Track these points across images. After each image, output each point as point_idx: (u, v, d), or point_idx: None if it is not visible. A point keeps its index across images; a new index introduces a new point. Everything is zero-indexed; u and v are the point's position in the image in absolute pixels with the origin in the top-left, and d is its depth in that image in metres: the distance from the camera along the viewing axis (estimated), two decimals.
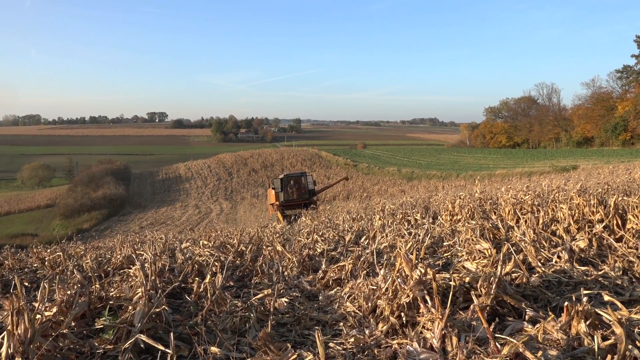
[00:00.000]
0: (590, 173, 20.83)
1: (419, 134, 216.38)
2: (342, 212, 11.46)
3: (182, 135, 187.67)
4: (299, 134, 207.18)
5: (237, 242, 5.37)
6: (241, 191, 58.85)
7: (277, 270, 4.35)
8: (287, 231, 7.67)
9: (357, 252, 4.36)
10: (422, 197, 14.56)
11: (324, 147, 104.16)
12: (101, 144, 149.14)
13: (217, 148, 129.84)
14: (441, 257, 4.19)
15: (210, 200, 54.48)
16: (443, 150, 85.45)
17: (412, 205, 9.85)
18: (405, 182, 48.22)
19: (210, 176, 66.39)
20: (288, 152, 76.30)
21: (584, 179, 12.75)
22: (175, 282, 3.83)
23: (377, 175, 55.52)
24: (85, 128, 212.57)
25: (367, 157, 73.14)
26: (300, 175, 22.94)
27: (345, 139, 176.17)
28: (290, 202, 21.70)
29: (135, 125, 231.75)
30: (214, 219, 41.46)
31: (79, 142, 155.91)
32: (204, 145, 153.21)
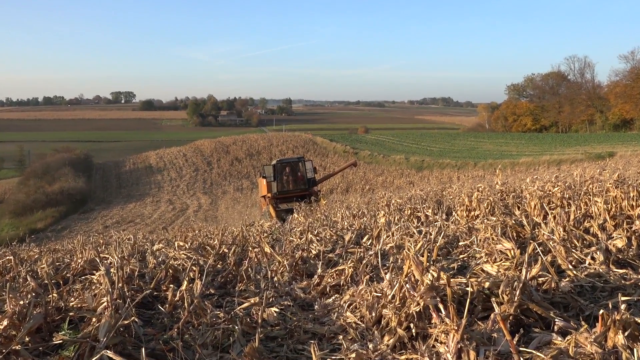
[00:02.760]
0: (630, 161, 20.95)
1: (429, 116, 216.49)
2: (341, 208, 11.47)
3: (152, 118, 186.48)
4: (290, 116, 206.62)
5: (219, 243, 5.37)
6: (222, 184, 58.75)
7: (265, 276, 4.35)
8: (276, 230, 7.67)
9: (359, 253, 4.37)
10: (433, 189, 14.59)
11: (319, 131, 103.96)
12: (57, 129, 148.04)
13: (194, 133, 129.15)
14: (456, 259, 4.20)
15: (186, 195, 54.36)
16: (458, 135, 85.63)
17: (422, 199, 9.87)
18: (414, 173, 48.32)
19: (186, 166, 66.20)
20: (277, 138, 76.14)
21: (622, 168, 12.82)
22: (146, 290, 3.82)
23: (381, 164, 55.60)
24: (38, 110, 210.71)
25: (370, 144, 73.14)
26: (297, 160, 22.12)
27: (344, 122, 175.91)
28: (285, 194, 20.97)
29: (98, 107, 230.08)
30: (190, 216, 41.37)
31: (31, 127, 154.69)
32: (178, 130, 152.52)
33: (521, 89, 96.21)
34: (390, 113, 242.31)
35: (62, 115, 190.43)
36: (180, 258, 4.83)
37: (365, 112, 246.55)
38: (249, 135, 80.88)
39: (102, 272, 3.72)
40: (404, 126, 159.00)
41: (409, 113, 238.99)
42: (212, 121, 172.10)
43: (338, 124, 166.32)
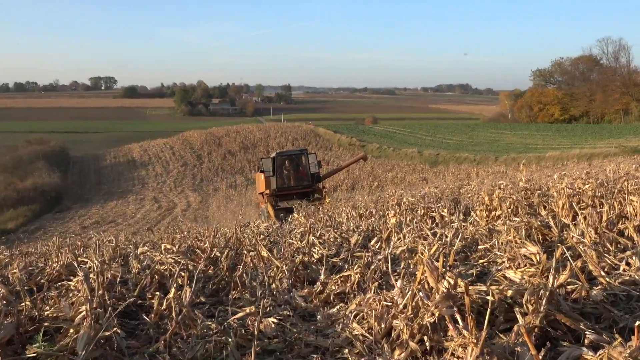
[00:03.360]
0: None
1: (445, 104, 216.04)
2: (346, 207, 11.47)
3: (136, 106, 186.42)
4: (289, 105, 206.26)
5: (210, 246, 5.38)
6: (214, 180, 58.85)
7: (262, 282, 4.36)
8: (274, 231, 7.68)
9: (366, 258, 4.37)
10: (450, 187, 14.58)
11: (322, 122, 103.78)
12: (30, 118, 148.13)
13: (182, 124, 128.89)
14: (475, 264, 4.20)
15: (173, 192, 54.49)
16: (477, 126, 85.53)
17: (437, 197, 9.86)
18: (428, 168, 48.30)
19: (174, 160, 66.31)
20: (275, 129, 76.22)
21: None
22: (129, 298, 3.84)
23: (391, 158, 55.59)
24: (8, 98, 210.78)
25: (379, 135, 73.12)
26: (300, 153, 22.03)
27: (350, 111, 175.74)
28: (286, 191, 20.81)
29: (75, 94, 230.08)
30: (178, 215, 41.48)
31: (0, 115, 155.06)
32: (164, 120, 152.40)
33: (548, 75, 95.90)
34: (402, 101, 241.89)
35: (35, 103, 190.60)
36: (167, 262, 4.84)
37: (373, 101, 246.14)
38: (243, 126, 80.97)
39: (80, 278, 3.73)
40: (416, 116, 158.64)
41: (423, 101, 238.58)
42: (203, 110, 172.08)
43: (343, 114, 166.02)
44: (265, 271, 4.61)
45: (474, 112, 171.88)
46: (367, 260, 4.30)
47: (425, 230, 5.36)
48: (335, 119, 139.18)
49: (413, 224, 5.93)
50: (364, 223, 6.92)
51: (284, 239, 6.09)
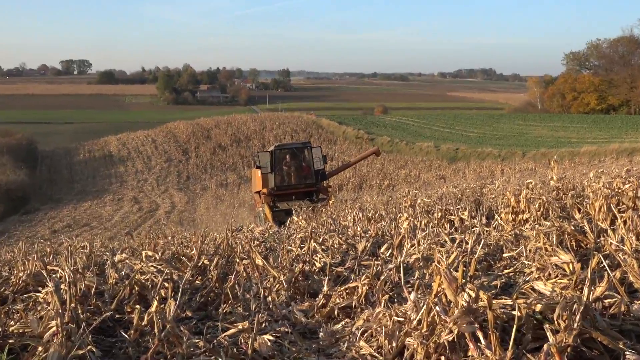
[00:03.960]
0: None
1: (466, 92, 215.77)
2: (353, 209, 11.47)
3: (113, 94, 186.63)
4: (288, 92, 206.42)
5: (197, 253, 5.38)
6: (202, 177, 58.91)
7: (256, 295, 4.36)
8: (271, 236, 7.69)
9: (375, 267, 4.37)
10: (471, 186, 14.56)
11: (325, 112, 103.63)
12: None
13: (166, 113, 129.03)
14: (500, 274, 4.20)
15: (156, 191, 54.56)
16: (502, 117, 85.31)
17: (456, 198, 9.85)
18: (446, 165, 48.25)
19: (156, 155, 66.38)
20: (272, 120, 76.20)
21: None
22: (105, 312, 3.84)
23: (404, 153, 55.56)
24: None
25: (390, 127, 73.03)
26: (302, 146, 21.94)
27: (357, 99, 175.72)
28: (286, 190, 20.77)
29: (44, 80, 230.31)
30: (161, 218, 41.52)
31: None
32: (146, 109, 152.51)
33: (583, 59, 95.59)
34: (416, 88, 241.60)
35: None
36: (148, 272, 4.84)
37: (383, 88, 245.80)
38: (235, 116, 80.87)
39: (50, 289, 3.74)
40: (432, 105, 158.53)
41: (440, 88, 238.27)
42: (189, 98, 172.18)
43: (349, 102, 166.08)
44: (260, 282, 4.62)
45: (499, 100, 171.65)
46: (377, 270, 4.30)
47: (443, 236, 5.35)
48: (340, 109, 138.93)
49: (429, 229, 5.92)
50: (372, 227, 6.92)
51: (282, 246, 6.09)
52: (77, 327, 3.23)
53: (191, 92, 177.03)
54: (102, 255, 6.92)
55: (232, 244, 6.34)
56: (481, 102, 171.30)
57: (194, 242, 7.77)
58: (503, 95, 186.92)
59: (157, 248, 7.26)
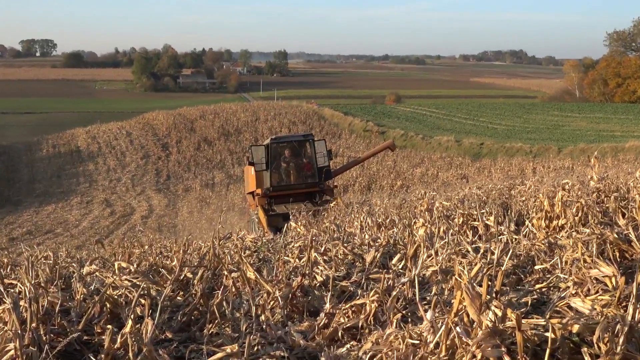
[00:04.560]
0: None
1: (492, 77, 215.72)
2: (360, 214, 11.46)
3: (81, 79, 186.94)
4: (285, 77, 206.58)
5: (179, 265, 5.38)
6: (185, 177, 58.86)
7: (247, 313, 4.36)
8: (264, 246, 7.69)
9: (386, 281, 4.37)
10: (497, 187, 14.54)
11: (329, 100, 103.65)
12: None
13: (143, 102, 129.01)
14: (531, 290, 4.20)
15: (131, 193, 54.55)
16: (534, 107, 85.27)
17: (480, 201, 9.84)
18: (468, 162, 48.20)
19: (132, 151, 66.35)
20: (266, 110, 76.14)
21: None
22: (72, 333, 3.84)
23: (419, 149, 55.53)
24: None
25: (403, 119, 73.03)
26: (303, 139, 21.71)
27: (365, 86, 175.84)
28: (284, 190, 20.66)
29: (1, 63, 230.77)
30: (137, 224, 41.54)
31: None
32: (119, 97, 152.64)
33: (629, 39, 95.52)
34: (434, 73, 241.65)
35: None
36: (122, 286, 4.85)
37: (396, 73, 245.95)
38: (224, 106, 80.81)
39: (8, 306, 3.74)
40: (453, 93, 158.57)
41: (462, 74, 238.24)
42: (170, 84, 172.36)
43: (356, 90, 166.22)
44: (252, 298, 4.61)
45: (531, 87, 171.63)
46: (387, 285, 4.30)
47: (465, 245, 5.35)
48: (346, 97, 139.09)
49: (448, 237, 5.92)
50: (383, 235, 6.91)
51: (278, 256, 6.09)
52: (38, 350, 3.23)
53: (172, 77, 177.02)
54: (68, 267, 6.91)
55: (219, 254, 6.34)
56: (510, 90, 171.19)
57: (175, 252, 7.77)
58: (535, 82, 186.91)
59: (132, 259, 7.26)
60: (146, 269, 5.75)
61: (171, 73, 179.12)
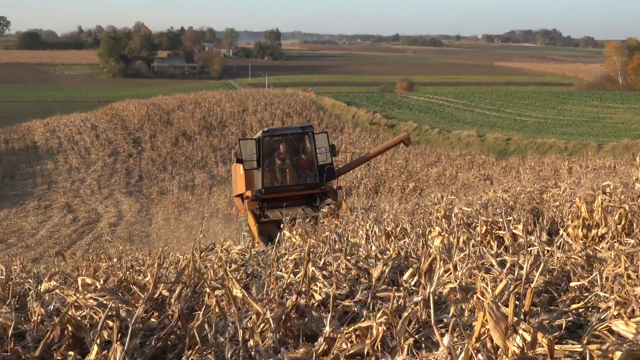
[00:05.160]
0: None
1: (521, 61, 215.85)
2: (366, 221, 11.47)
3: (39, 63, 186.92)
4: (278, 61, 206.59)
5: (153, 281, 5.38)
6: (159, 177, 58.83)
7: (233, 338, 4.36)
8: (253, 259, 7.69)
9: (396, 300, 4.37)
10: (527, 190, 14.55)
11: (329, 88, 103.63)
12: None
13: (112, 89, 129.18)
14: (566, 310, 4.20)
15: (96, 196, 54.52)
16: (570, 96, 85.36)
17: (507, 206, 9.85)
18: (493, 161, 48.22)
19: (97, 147, 66.33)
20: (255, 99, 76.10)
21: None
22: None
23: (435, 145, 55.54)
24: None
25: (416, 110, 73.03)
26: (302, 132, 21.24)
27: (371, 72, 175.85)
28: (279, 192, 20.53)
29: None
30: (104, 233, 41.53)
31: None
32: (83, 84, 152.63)
33: None
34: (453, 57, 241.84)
35: None
36: (86, 306, 4.84)
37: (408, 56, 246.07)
38: (206, 94, 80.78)
39: None
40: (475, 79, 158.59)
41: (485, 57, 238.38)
42: (143, 69, 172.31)
43: (361, 76, 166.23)
44: (239, 320, 4.62)
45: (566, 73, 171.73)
46: (398, 304, 4.30)
47: (489, 258, 5.35)
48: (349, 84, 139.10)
49: (469, 248, 5.92)
50: (392, 246, 6.92)
51: (269, 271, 6.10)
52: None
53: (145, 60, 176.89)
54: (22, 283, 6.92)
55: (200, 268, 6.34)
56: (541, 76, 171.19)
57: (148, 266, 7.78)
58: (571, 66, 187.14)
59: (98, 274, 7.27)
60: (115, 285, 5.75)
61: (144, 56, 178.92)
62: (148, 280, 5.73)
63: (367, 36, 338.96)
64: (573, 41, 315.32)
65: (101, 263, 9.45)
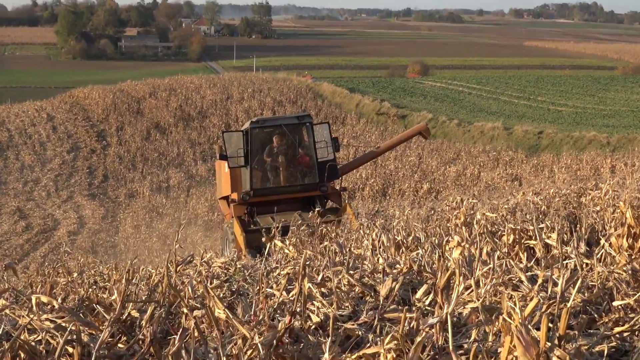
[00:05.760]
0: None
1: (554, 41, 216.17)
2: (372, 229, 11.48)
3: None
4: (268, 40, 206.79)
5: (121, 300, 5.39)
6: (128, 177, 58.78)
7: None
8: (239, 273, 7.71)
9: (408, 323, 4.38)
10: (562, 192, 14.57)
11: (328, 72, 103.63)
12: None
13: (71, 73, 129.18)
14: (608, 334, 4.21)
15: (53, 200, 54.52)
16: (614, 81, 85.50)
17: (538, 212, 9.86)
18: (522, 158, 48.24)
19: (55, 141, 66.27)
20: (242, 85, 76.08)
21: None
22: None
23: (453, 139, 55.56)
24: None
25: (432, 97, 73.09)
26: (298, 122, 20.86)
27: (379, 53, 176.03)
28: (271, 195, 20.49)
29: None
30: (63, 242, 41.45)
31: None
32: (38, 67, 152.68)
33: None
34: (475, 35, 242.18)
35: None
36: (42, 329, 4.85)
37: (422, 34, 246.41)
38: (183, 79, 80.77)
39: None
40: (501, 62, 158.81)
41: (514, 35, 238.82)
42: (109, 49, 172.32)
43: (366, 58, 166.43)
44: (222, 346, 4.63)
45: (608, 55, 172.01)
46: (410, 327, 4.31)
47: (517, 272, 5.36)
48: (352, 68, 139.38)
49: (494, 261, 5.93)
50: (403, 259, 6.93)
51: (258, 287, 6.11)
52: None
53: (111, 39, 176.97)
54: None
55: (176, 284, 6.35)
56: (579, 58, 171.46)
57: (114, 282, 7.79)
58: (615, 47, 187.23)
59: (55, 291, 7.26)
60: (75, 305, 5.75)
61: (109, 34, 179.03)
62: (114, 298, 5.74)
63: (374, 10, 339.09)
64: (617, 17, 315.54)
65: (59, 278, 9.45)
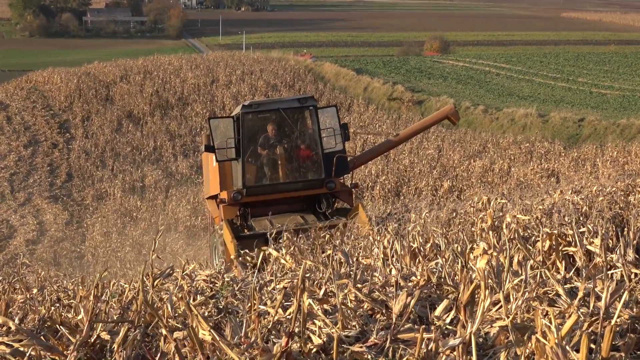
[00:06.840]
0: None
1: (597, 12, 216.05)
2: (384, 235, 11.50)
3: None
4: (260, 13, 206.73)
5: (88, 320, 5.41)
6: (95, 176, 58.73)
7: None
8: (227, 287, 7.73)
9: (425, 344, 4.40)
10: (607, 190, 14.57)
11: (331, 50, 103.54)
12: None
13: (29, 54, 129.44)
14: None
15: (8, 202, 54.53)
16: None
17: (579, 213, 9.87)
18: (560, 150, 48.18)
19: (9, 134, 66.34)
20: (229, 66, 76.10)
21: None
22: None
23: (479, 128, 55.51)
24: None
25: (453, 79, 73.05)
26: (300, 105, 20.47)
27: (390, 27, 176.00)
28: (268, 194, 20.26)
29: None
30: (20, 253, 41.49)
31: None
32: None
33: None
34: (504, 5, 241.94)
35: None
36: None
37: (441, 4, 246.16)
38: (159, 59, 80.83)
39: None
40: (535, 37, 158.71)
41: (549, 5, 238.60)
42: (72, 25, 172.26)
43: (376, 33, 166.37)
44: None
45: None
46: (427, 350, 4.33)
47: (553, 285, 5.38)
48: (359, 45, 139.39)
49: (526, 272, 5.94)
50: (420, 270, 6.95)
51: (249, 304, 6.12)
52: None
53: (75, 13, 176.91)
54: None
55: (153, 301, 6.37)
56: (627, 31, 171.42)
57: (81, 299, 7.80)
58: None
59: (11, 310, 7.29)
60: (35, 326, 5.77)
61: (73, 7, 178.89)
62: (81, 318, 5.75)
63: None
64: None
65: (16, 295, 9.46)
